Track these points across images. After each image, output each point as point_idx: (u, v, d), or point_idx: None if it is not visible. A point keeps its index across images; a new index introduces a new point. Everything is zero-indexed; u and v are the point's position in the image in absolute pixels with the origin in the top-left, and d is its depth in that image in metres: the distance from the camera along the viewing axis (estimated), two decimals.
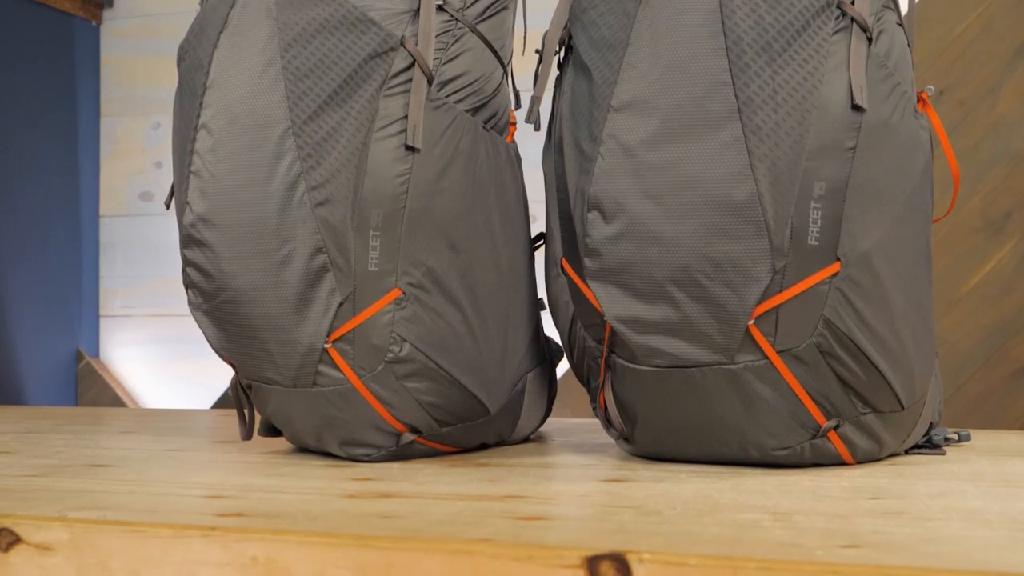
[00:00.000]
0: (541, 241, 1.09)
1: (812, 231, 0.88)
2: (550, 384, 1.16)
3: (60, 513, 0.72)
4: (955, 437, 1.08)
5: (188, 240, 0.97)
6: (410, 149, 0.95)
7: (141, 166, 2.69)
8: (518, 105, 1.15)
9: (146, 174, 2.69)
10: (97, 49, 2.71)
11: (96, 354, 2.72)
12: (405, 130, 0.95)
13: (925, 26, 2.19)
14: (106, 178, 2.71)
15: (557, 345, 1.17)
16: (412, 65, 0.97)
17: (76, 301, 2.67)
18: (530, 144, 1.15)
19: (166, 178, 2.65)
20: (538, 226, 1.09)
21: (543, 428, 1.25)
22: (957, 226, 2.18)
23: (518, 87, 1.15)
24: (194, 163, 0.96)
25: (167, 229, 2.40)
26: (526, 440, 1.16)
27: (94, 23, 2.69)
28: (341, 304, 0.95)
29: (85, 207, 2.70)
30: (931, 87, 0.98)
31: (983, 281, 2.18)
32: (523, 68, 1.12)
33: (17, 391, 2.48)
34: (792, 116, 0.86)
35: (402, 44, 0.96)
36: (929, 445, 1.04)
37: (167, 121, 2.66)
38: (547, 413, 1.18)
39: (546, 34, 1.02)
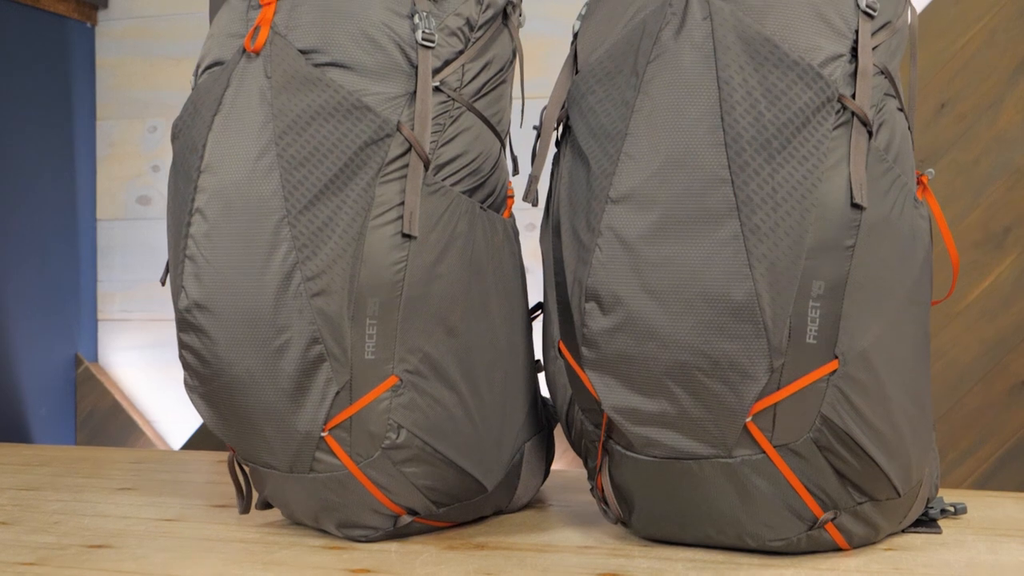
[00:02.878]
0: (539, 312, 1.09)
1: (811, 330, 0.88)
2: (547, 449, 1.16)
3: None
4: (951, 510, 1.08)
5: (184, 324, 0.97)
6: (407, 236, 0.95)
7: (138, 169, 2.67)
8: (516, 171, 1.14)
9: (143, 178, 2.68)
10: (92, 51, 2.69)
11: (95, 358, 2.71)
12: (401, 217, 0.95)
13: (927, 39, 2.17)
14: (103, 181, 2.70)
15: (555, 407, 1.16)
16: (409, 150, 0.96)
17: (74, 305, 2.66)
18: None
19: (163, 182, 2.64)
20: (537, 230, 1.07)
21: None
22: (957, 240, 2.17)
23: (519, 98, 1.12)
24: (189, 247, 0.96)
25: (165, 233, 2.40)
26: (525, 507, 1.16)
27: (89, 24, 2.67)
28: (338, 393, 0.94)
29: (82, 211, 2.69)
30: (931, 171, 0.97)
31: (982, 295, 2.18)
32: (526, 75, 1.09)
33: (16, 397, 2.48)
34: (791, 215, 0.86)
35: (398, 130, 0.95)
36: (926, 522, 1.04)
37: (164, 124, 2.65)
38: (546, 475, 1.18)
39: (544, 111, 1.01)
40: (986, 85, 2.17)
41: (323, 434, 0.95)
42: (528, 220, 1.11)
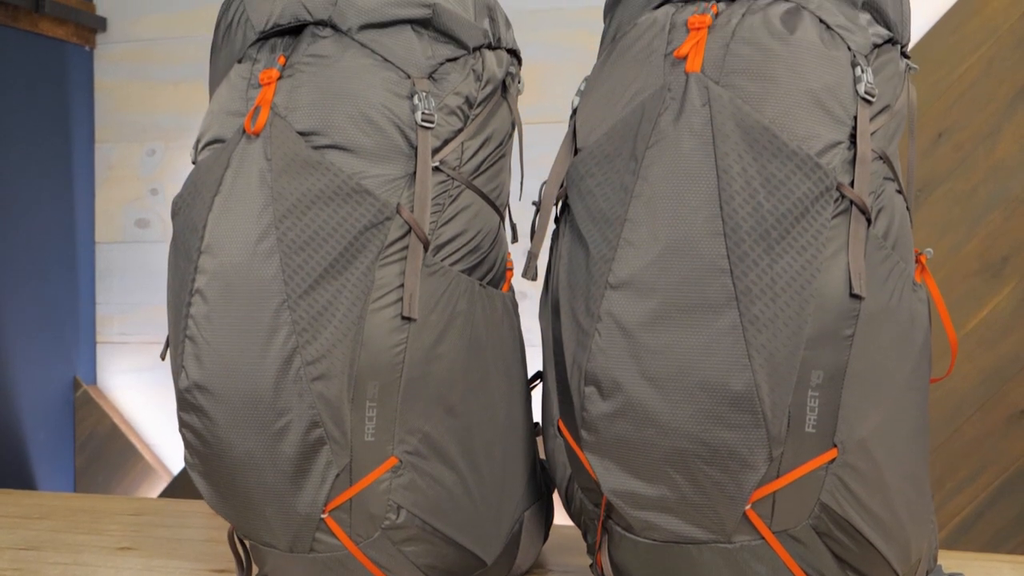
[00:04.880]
0: (538, 382, 1.09)
1: (810, 419, 0.88)
2: (547, 514, 1.16)
3: None
4: None
5: (184, 404, 0.97)
6: (406, 319, 0.95)
7: (137, 192, 2.67)
8: (515, 239, 1.14)
9: (142, 200, 2.68)
10: (91, 74, 2.69)
11: (93, 381, 2.72)
12: (401, 299, 0.95)
13: (925, 68, 2.17)
14: (101, 204, 2.70)
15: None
16: (408, 232, 0.96)
17: (73, 328, 2.66)
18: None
19: (162, 205, 2.64)
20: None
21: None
22: (955, 269, 2.17)
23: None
24: (189, 328, 0.96)
25: (163, 255, 2.41)
26: (525, 573, 1.16)
27: (87, 48, 2.66)
28: (338, 475, 0.95)
29: (80, 234, 2.69)
30: (930, 250, 0.98)
31: (980, 324, 2.18)
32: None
33: (14, 420, 2.48)
34: (790, 306, 0.86)
35: (398, 212, 0.95)
36: None
37: (162, 147, 2.65)
38: (544, 539, 1.18)
39: (543, 187, 1.01)
40: (984, 114, 2.17)
41: (323, 516, 0.95)
42: (519, 288, 1.11)
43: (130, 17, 2.66)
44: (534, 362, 1.10)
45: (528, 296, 1.12)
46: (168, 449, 2.53)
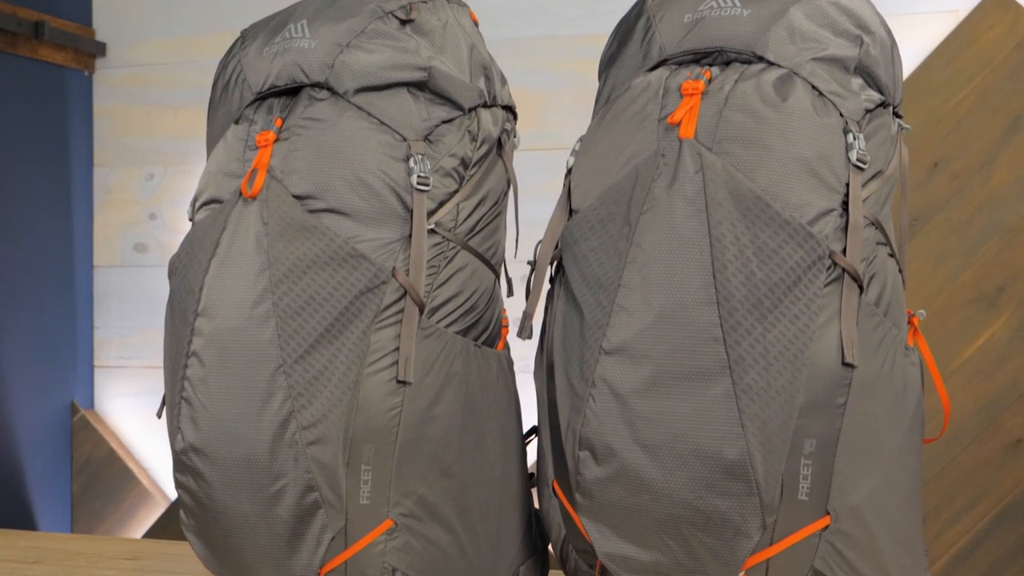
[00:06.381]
0: (533, 436, 1.10)
1: (803, 487, 0.88)
2: (542, 568, 1.17)
3: None
4: None
5: (180, 465, 0.98)
6: (402, 382, 0.95)
7: (135, 216, 2.68)
8: (511, 293, 1.15)
9: (140, 225, 2.68)
10: (90, 99, 2.70)
11: (91, 406, 2.72)
12: (396, 362, 0.95)
13: (921, 98, 2.18)
14: (100, 228, 2.71)
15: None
16: (404, 296, 0.96)
17: (70, 352, 2.67)
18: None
19: (160, 230, 2.65)
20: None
21: None
22: (951, 298, 2.18)
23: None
24: (186, 390, 0.96)
25: (162, 279, 2.40)
26: None
27: (86, 73, 2.67)
28: (333, 538, 0.95)
29: (79, 258, 2.69)
30: (922, 312, 0.98)
31: (976, 354, 2.19)
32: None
33: (12, 444, 2.49)
34: (783, 375, 0.86)
35: (393, 276, 0.96)
36: None
37: (161, 172, 2.66)
38: None
39: (538, 246, 1.01)
40: (979, 144, 2.18)
41: None
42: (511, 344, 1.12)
43: (129, 42, 2.67)
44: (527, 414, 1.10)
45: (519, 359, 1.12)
46: (166, 474, 2.53)
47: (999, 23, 2.14)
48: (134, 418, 2.68)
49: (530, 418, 1.10)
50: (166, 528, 2.50)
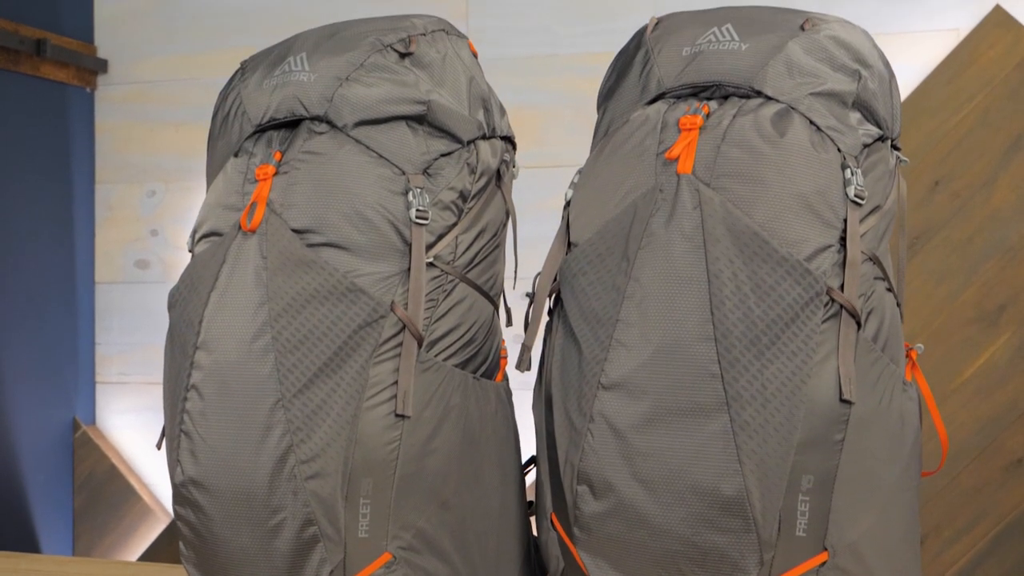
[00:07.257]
0: (531, 467, 1.10)
1: (800, 523, 0.89)
2: None
3: None
4: None
5: (180, 498, 0.98)
6: (400, 416, 0.96)
7: (136, 233, 2.68)
8: (509, 323, 1.15)
9: (142, 241, 2.69)
10: (91, 115, 2.70)
11: (92, 422, 2.72)
12: (395, 396, 0.96)
13: (921, 117, 2.18)
14: (101, 245, 2.71)
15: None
16: (402, 330, 0.97)
17: (72, 368, 2.67)
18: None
19: (161, 247, 2.65)
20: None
21: None
22: (951, 318, 2.18)
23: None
24: (185, 423, 0.96)
25: (163, 296, 2.40)
26: None
27: (88, 89, 2.68)
28: (331, 572, 0.95)
29: (80, 274, 2.70)
30: (921, 346, 0.98)
31: (977, 373, 2.19)
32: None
33: (14, 461, 2.49)
34: (780, 412, 0.87)
35: (392, 310, 0.96)
36: None
37: (162, 188, 2.66)
38: None
39: (537, 278, 1.01)
40: (980, 164, 2.19)
41: None
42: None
43: (131, 60, 2.68)
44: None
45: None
46: (167, 490, 2.53)
47: (1000, 42, 2.15)
48: (135, 434, 2.68)
49: (529, 447, 1.10)
50: (168, 544, 2.50)
